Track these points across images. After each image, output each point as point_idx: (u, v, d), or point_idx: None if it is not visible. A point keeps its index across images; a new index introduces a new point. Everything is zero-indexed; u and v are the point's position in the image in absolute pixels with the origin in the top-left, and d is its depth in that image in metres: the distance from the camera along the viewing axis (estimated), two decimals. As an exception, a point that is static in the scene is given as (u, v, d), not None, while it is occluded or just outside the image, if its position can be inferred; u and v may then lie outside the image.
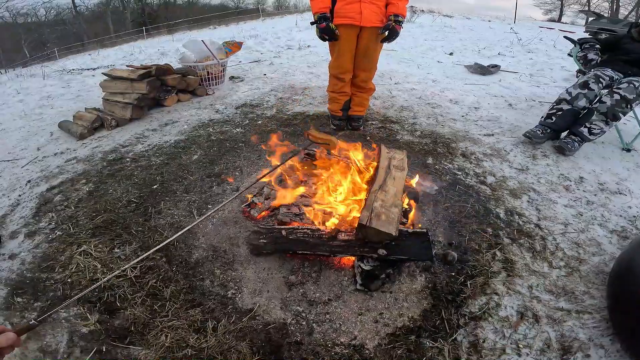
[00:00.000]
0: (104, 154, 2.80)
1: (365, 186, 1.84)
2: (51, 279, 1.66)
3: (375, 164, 1.90)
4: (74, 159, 2.79)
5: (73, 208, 2.14)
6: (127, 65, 3.80)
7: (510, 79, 4.67)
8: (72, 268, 1.69)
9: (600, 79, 2.69)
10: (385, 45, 2.68)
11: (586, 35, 12.86)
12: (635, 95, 2.50)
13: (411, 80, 4.45)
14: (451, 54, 6.34)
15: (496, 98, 3.84)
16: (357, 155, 1.99)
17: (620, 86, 2.57)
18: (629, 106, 2.51)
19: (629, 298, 1.33)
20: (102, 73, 3.84)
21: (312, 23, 2.62)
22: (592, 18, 17.08)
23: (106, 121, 3.30)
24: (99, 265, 1.69)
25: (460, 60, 5.73)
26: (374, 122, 3.15)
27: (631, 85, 2.53)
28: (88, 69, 6.76)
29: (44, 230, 1.99)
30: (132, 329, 1.42)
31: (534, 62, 5.76)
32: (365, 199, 1.62)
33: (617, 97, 2.51)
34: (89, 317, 1.46)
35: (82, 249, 1.79)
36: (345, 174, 1.89)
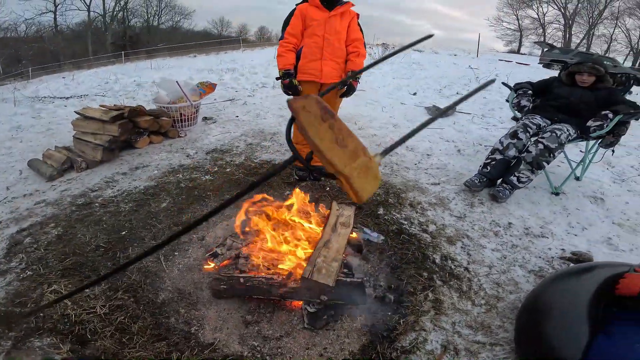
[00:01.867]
0: (72, 198, 2.86)
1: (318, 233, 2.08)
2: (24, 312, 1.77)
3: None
4: (43, 201, 2.85)
5: (43, 250, 2.24)
6: (100, 105, 3.89)
7: (464, 121, 4.96)
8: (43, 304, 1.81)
9: (528, 128, 2.85)
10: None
11: (540, 66, 13.82)
12: (557, 145, 2.68)
13: (374, 125, 4.67)
14: (415, 94, 6.74)
15: (448, 143, 4.12)
16: (311, 213, 2.26)
17: (544, 135, 2.73)
18: (552, 155, 2.70)
19: (533, 330, 1.57)
20: (75, 112, 3.89)
21: (277, 78, 2.90)
22: (546, 49, 18.08)
23: (76, 163, 3.31)
24: (70, 303, 1.82)
25: (422, 101, 6.10)
26: (335, 173, 3.37)
27: (553, 134, 2.70)
28: (60, 98, 6.73)
29: (15, 269, 2.09)
30: (103, 357, 1.57)
31: (487, 100, 6.08)
32: (310, 254, 1.88)
33: (540, 146, 2.68)
34: (62, 346, 1.60)
35: (53, 287, 1.92)
36: (297, 230, 2.13)
